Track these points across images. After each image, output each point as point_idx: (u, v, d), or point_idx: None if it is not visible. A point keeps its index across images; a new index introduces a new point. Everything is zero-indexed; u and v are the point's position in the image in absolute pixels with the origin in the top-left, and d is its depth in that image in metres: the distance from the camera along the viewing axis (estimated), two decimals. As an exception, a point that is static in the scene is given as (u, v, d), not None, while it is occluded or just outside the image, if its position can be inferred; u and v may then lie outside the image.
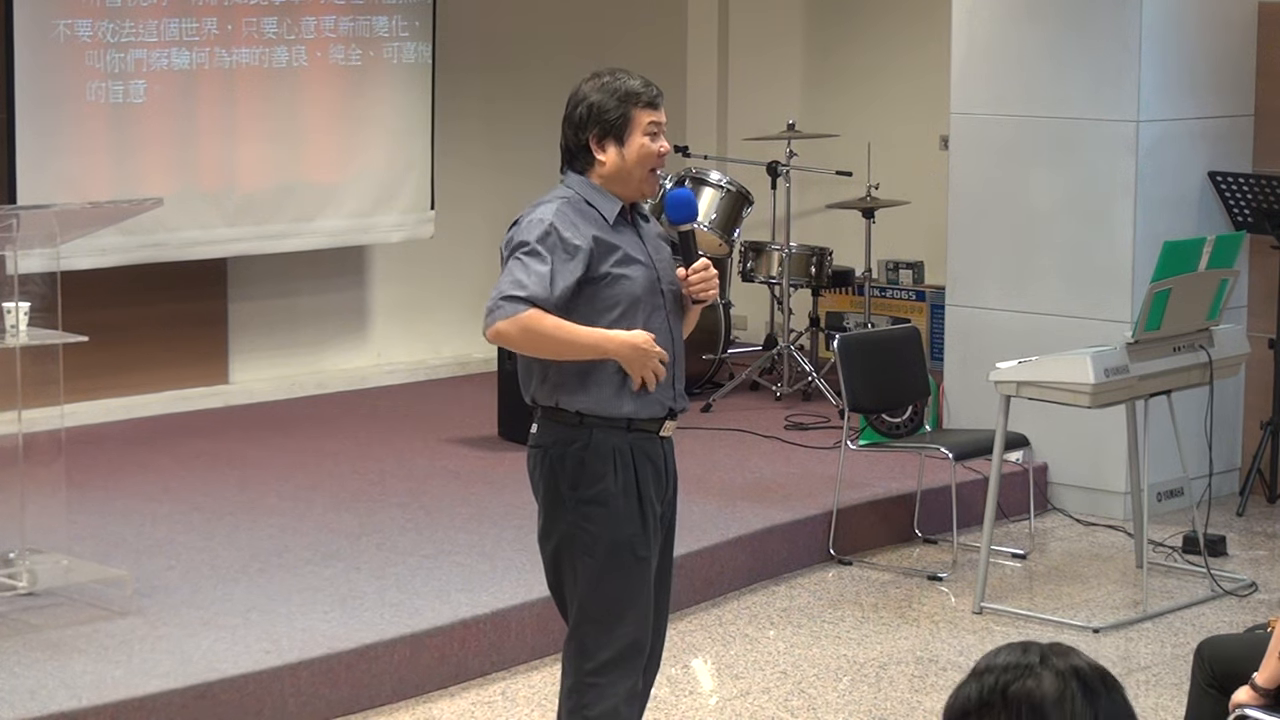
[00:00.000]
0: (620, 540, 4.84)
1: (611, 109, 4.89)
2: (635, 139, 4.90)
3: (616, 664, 4.88)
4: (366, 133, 10.08)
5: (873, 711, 6.35)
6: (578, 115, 4.92)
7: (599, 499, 4.83)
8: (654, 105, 4.92)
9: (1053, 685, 2.62)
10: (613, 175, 4.91)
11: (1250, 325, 8.65)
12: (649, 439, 4.90)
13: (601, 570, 4.84)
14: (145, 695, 5.76)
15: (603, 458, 4.82)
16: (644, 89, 4.93)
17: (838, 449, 8.31)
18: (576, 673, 4.91)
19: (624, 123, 4.89)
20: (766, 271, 10.14)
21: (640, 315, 4.87)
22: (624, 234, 4.91)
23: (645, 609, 4.91)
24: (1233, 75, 8.84)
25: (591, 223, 4.85)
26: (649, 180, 4.95)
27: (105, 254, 9.04)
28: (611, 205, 4.90)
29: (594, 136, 4.90)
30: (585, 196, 4.89)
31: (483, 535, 7.50)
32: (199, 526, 7.63)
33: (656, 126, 4.92)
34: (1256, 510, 8.78)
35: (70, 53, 9.06)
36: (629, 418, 4.85)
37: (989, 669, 2.67)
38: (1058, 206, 8.71)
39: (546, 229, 4.80)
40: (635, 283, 4.86)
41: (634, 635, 4.89)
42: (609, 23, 11.37)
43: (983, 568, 7.40)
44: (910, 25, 11.01)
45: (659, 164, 4.95)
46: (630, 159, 4.89)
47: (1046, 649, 2.68)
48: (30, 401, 6.64)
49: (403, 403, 10.06)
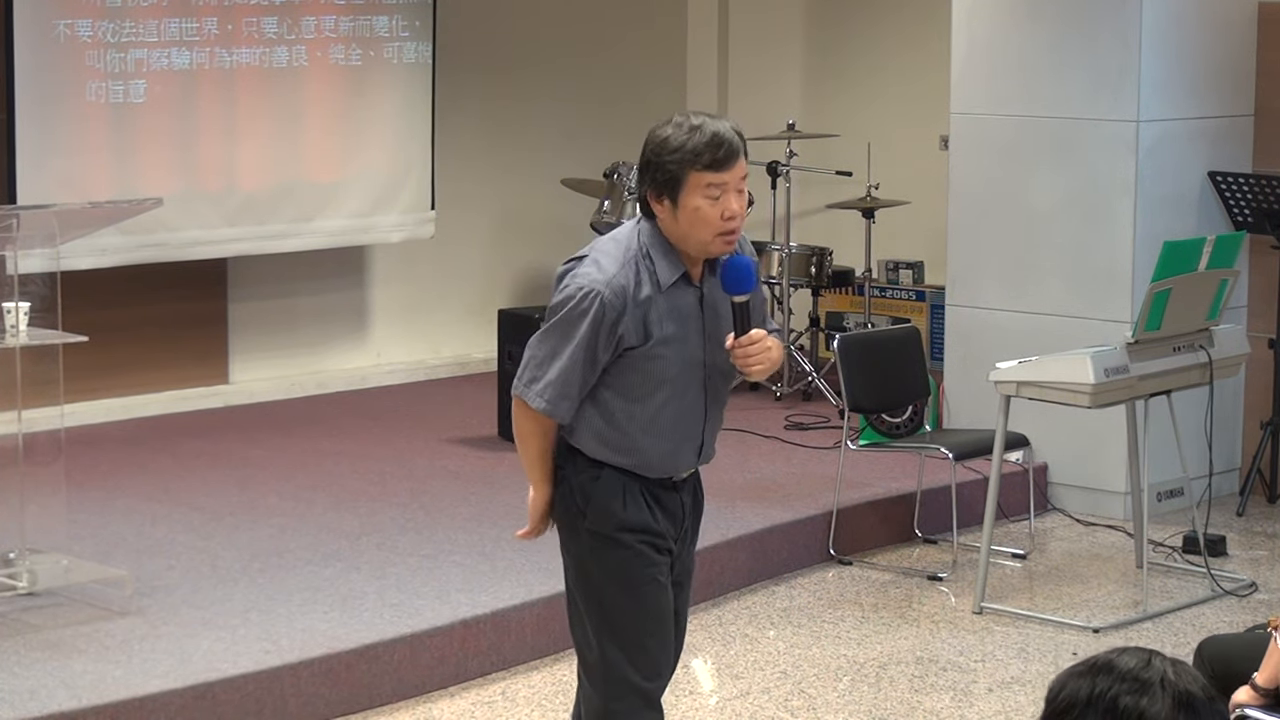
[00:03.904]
0: (630, 572, 4.67)
1: (664, 165, 4.48)
2: (690, 200, 4.47)
3: (635, 690, 4.72)
4: (366, 133, 10.08)
5: (873, 711, 6.35)
6: (643, 160, 4.54)
7: (605, 531, 4.66)
8: (717, 166, 4.45)
9: (1164, 711, 2.60)
10: (671, 233, 4.54)
11: (1250, 325, 8.65)
12: (657, 484, 4.72)
13: (612, 599, 4.69)
14: (145, 695, 5.76)
15: (613, 493, 4.65)
16: (708, 148, 4.45)
17: (838, 449, 8.31)
18: (599, 698, 4.73)
19: (675, 183, 4.47)
20: (766, 271, 10.13)
21: (668, 393, 4.64)
22: (677, 299, 4.57)
23: (665, 636, 4.75)
24: (1233, 75, 8.85)
25: (648, 282, 4.54)
26: (716, 243, 4.51)
27: (105, 254, 9.04)
28: (672, 270, 4.55)
29: (650, 189, 4.52)
30: (651, 253, 4.54)
31: (483, 535, 7.50)
32: (199, 526, 7.63)
33: (718, 190, 4.46)
34: (1256, 510, 8.78)
35: (70, 53, 9.06)
36: (638, 473, 4.69)
37: (1109, 670, 2.64)
38: (1058, 206, 8.71)
39: (597, 309, 4.48)
40: (669, 363, 4.60)
41: (651, 664, 4.74)
42: (609, 23, 11.38)
43: (983, 568, 7.40)
44: (910, 25, 11.01)
45: (726, 226, 4.49)
46: (684, 222, 4.49)
47: (1169, 669, 2.64)
48: (30, 401, 6.64)
49: (403, 403, 10.06)
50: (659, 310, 4.55)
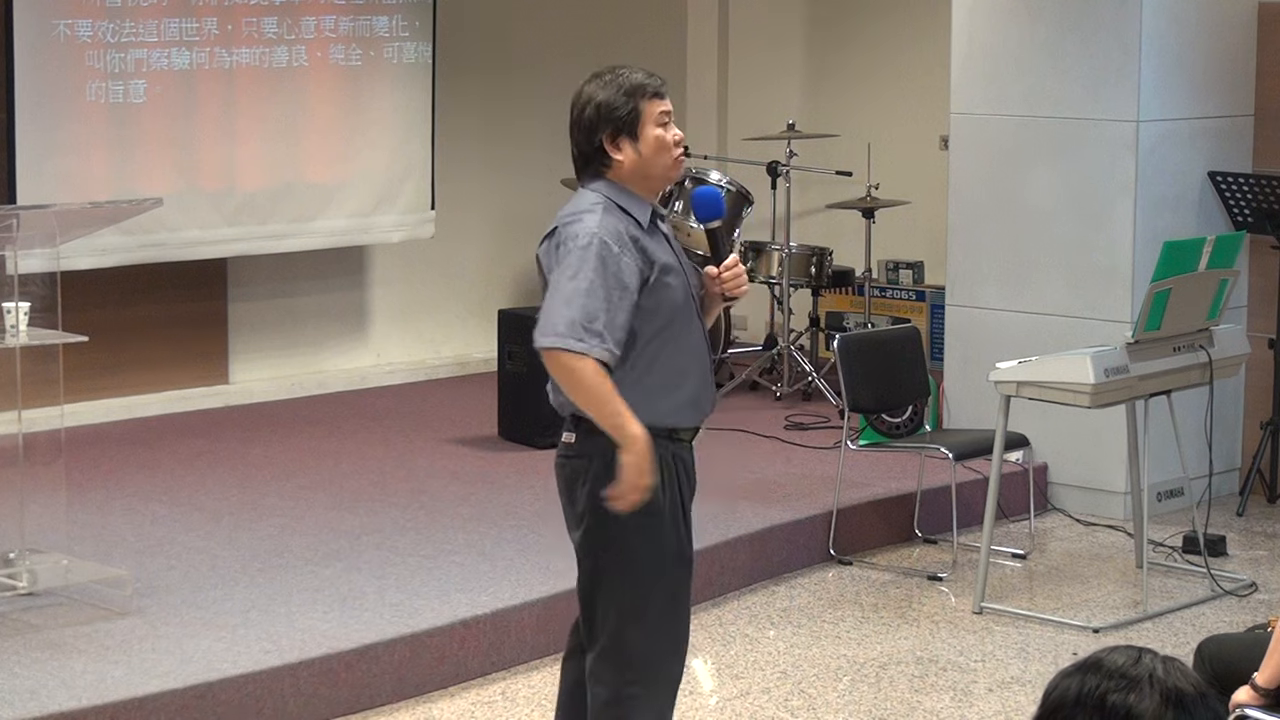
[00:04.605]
0: (668, 550, 4.75)
1: (620, 105, 4.75)
2: (649, 131, 4.76)
3: (659, 674, 4.77)
4: (366, 133, 10.08)
5: (873, 711, 6.35)
6: (586, 118, 4.77)
7: (650, 510, 4.70)
8: (660, 95, 4.80)
9: (1152, 708, 2.60)
10: (633, 173, 4.77)
11: (1250, 325, 8.65)
12: (685, 448, 4.84)
13: (651, 580, 4.73)
14: (145, 695, 5.76)
15: (653, 466, 4.68)
16: (648, 80, 4.80)
17: (838, 449, 8.31)
18: (616, 684, 4.76)
19: (635, 117, 4.75)
20: (766, 271, 10.14)
21: (681, 325, 4.77)
22: (657, 238, 4.79)
23: (688, 617, 4.84)
24: (1233, 75, 8.84)
25: (629, 230, 4.70)
26: (674, 167, 4.83)
27: (105, 254, 9.04)
28: (643, 209, 4.77)
29: (607, 137, 4.75)
30: (618, 202, 4.73)
31: (483, 535, 7.50)
32: (199, 526, 7.62)
33: (667, 116, 4.79)
34: (1256, 510, 8.78)
35: (70, 53, 9.06)
36: (672, 428, 4.78)
37: (1097, 668, 2.65)
38: (1058, 206, 8.70)
39: (601, 247, 4.62)
40: (676, 291, 4.75)
41: (679, 645, 4.80)
42: (609, 23, 11.37)
43: (983, 568, 7.40)
44: (910, 25, 11.01)
45: (679, 150, 4.81)
46: (647, 153, 4.76)
47: (1158, 666, 2.64)
48: (30, 401, 6.63)
49: (403, 403, 10.06)
50: (649, 246, 4.74)
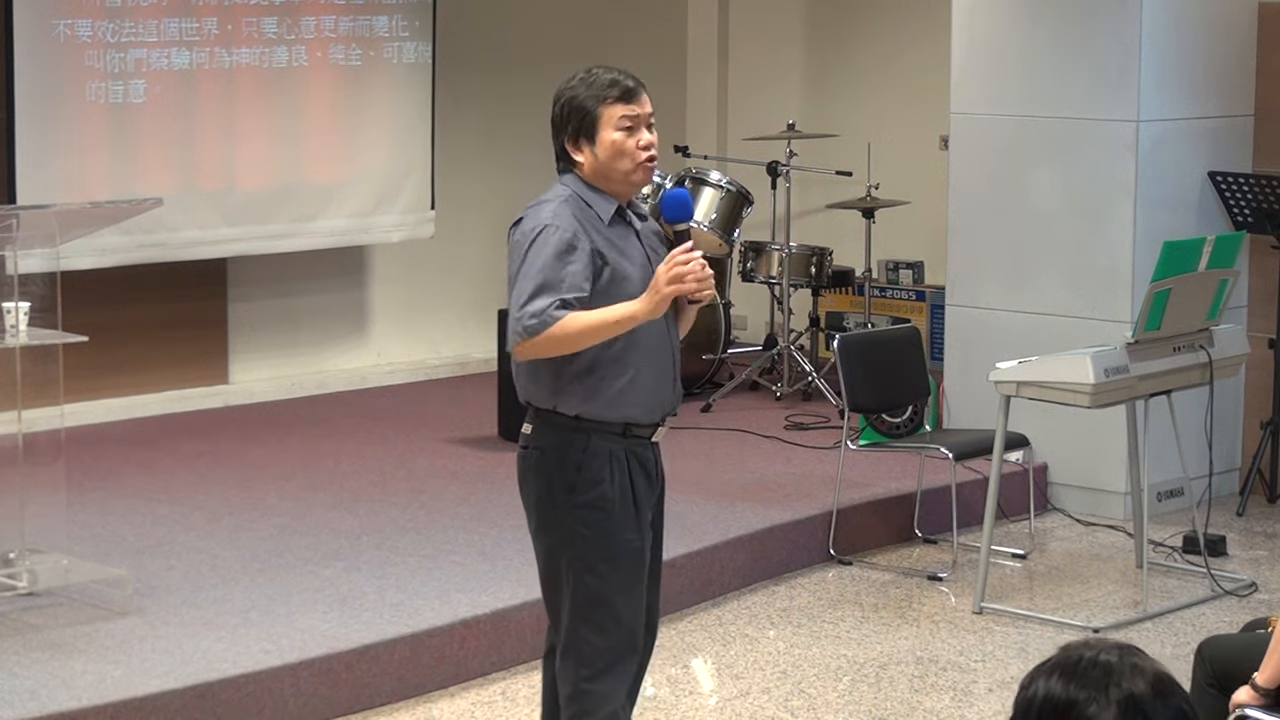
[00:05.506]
0: (617, 544, 4.78)
1: (579, 107, 4.74)
2: (606, 135, 4.73)
3: (613, 668, 4.83)
4: (366, 133, 10.08)
5: (873, 711, 6.35)
6: (554, 117, 4.79)
7: (597, 503, 4.76)
8: (627, 99, 4.73)
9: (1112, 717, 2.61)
10: (594, 174, 4.77)
11: (1250, 325, 8.65)
12: (642, 445, 4.84)
13: (597, 574, 4.78)
14: (145, 695, 5.76)
15: (601, 461, 4.75)
16: (614, 84, 4.74)
17: (838, 449, 8.31)
18: (575, 680, 4.84)
19: (592, 120, 4.72)
20: (766, 271, 10.14)
21: None
22: (620, 234, 4.81)
23: (640, 611, 4.87)
24: (1233, 75, 8.84)
25: (590, 222, 4.73)
26: (638, 172, 4.77)
27: (105, 254, 9.04)
28: (607, 204, 4.78)
29: (568, 138, 4.78)
30: (581, 195, 4.77)
31: (483, 535, 7.50)
32: (199, 526, 7.62)
33: (631, 120, 4.73)
34: (1256, 510, 8.78)
35: (70, 53, 9.06)
36: (627, 423, 4.80)
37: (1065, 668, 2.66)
38: (1058, 206, 8.71)
39: (554, 231, 4.67)
40: (633, 284, 4.75)
41: (630, 639, 4.85)
42: (609, 23, 11.38)
43: (983, 568, 7.40)
44: (910, 25, 11.01)
45: (644, 156, 4.75)
46: (604, 156, 4.74)
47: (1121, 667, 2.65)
48: (30, 401, 6.64)
49: (403, 403, 10.06)
50: (607, 238, 4.75)
